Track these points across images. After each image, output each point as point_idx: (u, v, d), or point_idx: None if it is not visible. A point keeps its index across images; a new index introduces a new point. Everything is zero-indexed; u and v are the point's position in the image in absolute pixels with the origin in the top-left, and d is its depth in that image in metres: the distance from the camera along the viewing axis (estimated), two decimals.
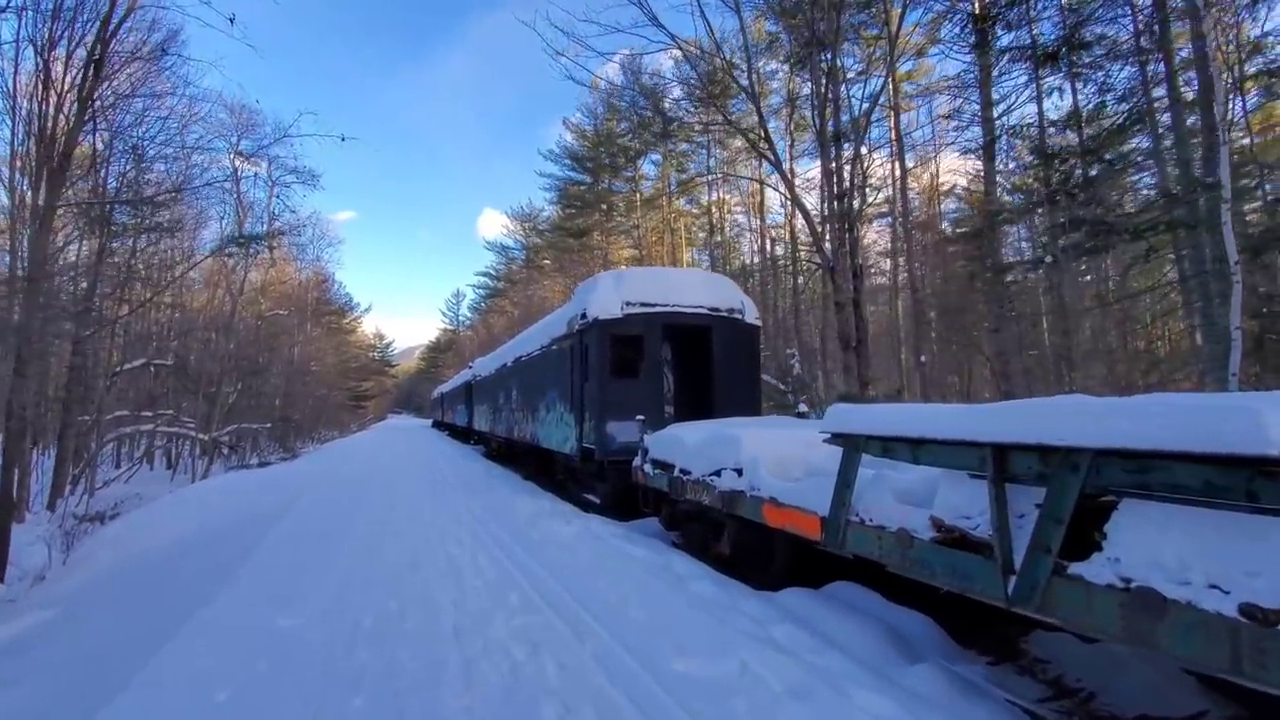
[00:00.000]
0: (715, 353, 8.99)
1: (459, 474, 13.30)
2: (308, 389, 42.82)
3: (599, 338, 8.56)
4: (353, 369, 56.55)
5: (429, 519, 7.71)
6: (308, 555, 5.88)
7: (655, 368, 8.71)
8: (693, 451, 6.06)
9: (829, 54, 16.17)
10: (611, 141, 34.62)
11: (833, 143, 16.15)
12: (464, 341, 67.91)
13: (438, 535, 6.69)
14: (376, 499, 9.61)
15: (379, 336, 79.73)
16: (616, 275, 9.24)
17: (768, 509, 4.78)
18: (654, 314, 8.70)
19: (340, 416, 54.55)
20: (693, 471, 6.02)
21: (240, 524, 7.76)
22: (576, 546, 6.00)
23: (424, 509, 8.49)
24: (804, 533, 4.34)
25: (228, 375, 26.77)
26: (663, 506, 7.18)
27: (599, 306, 8.59)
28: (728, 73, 17.82)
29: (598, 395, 8.49)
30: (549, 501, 9.02)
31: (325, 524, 7.56)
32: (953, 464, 3.24)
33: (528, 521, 7.36)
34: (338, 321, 53.71)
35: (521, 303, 48.90)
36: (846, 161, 16.73)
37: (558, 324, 10.62)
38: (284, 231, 23.62)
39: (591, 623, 3.92)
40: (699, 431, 6.39)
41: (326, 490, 11.09)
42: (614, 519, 8.13)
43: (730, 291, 9.53)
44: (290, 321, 38.74)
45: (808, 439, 5.53)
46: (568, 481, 11.11)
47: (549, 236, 42.37)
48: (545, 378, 11.39)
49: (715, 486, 5.50)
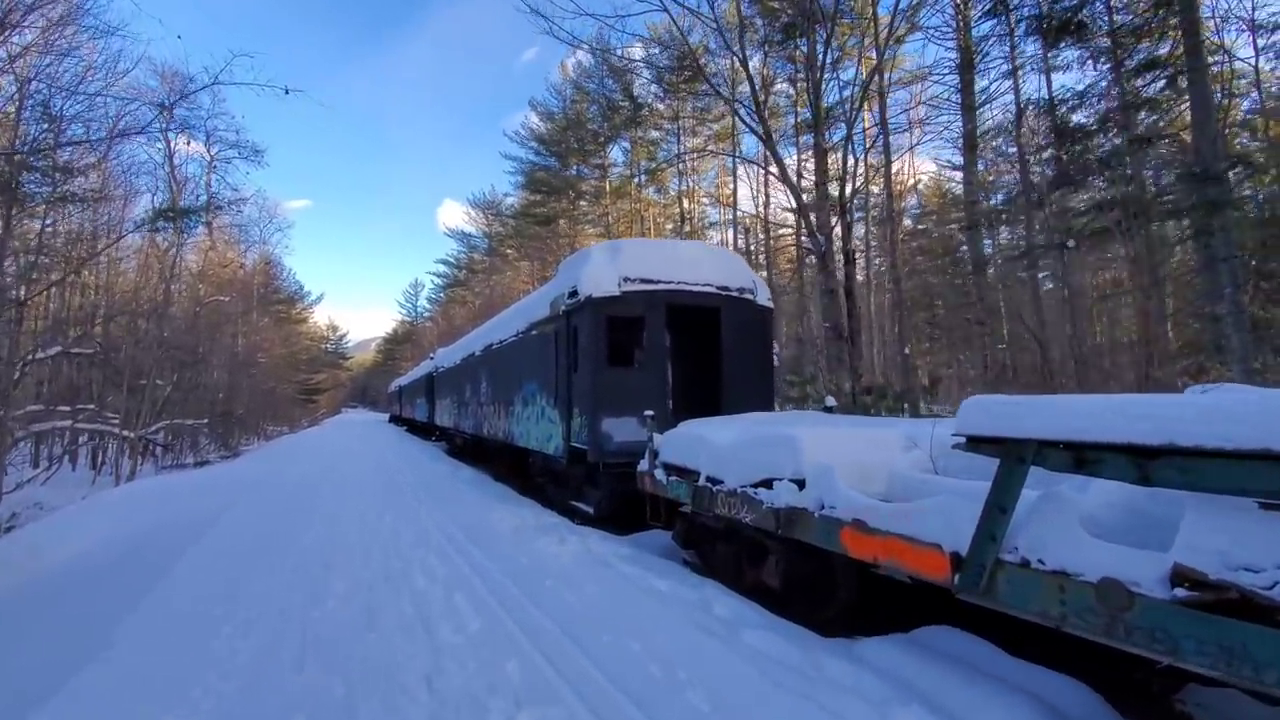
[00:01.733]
0: (725, 338, 7.80)
1: (422, 477, 11.81)
2: (254, 382, 40.21)
3: (592, 319, 7.27)
4: (304, 361, 53.54)
5: (388, 539, 6.31)
6: (223, 603, 4.46)
7: (658, 355, 7.47)
8: (726, 455, 4.85)
9: (827, 27, 15.17)
10: (580, 126, 33.22)
11: (826, 122, 15.18)
12: (423, 333, 65.41)
13: (400, 564, 5.32)
14: (324, 511, 8.12)
15: (332, 328, 76.33)
16: (612, 246, 7.94)
17: (850, 535, 3.60)
18: (656, 292, 7.46)
19: (290, 411, 51.61)
20: (725, 481, 4.81)
21: (139, 548, 6.21)
22: (580, 577, 4.72)
23: (382, 524, 7.07)
24: (920, 572, 3.17)
25: (160, 367, 24.41)
26: (677, 520, 5.96)
27: (592, 282, 7.29)
28: (716, 40, 16.63)
29: (590, 387, 7.21)
30: (531, 511, 7.70)
31: (255, 546, 6.09)
32: (1225, 485, 2.10)
33: (511, 540, 6.05)
34: (287, 311, 50.82)
35: (484, 293, 47.05)
36: (838, 143, 15.81)
37: (538, 305, 9.27)
38: (221, 206, 21.41)
39: (635, 715, 2.67)
40: (730, 430, 5.18)
41: (265, 499, 9.51)
42: (612, 532, 6.90)
43: (741, 269, 8.35)
44: (234, 309, 36.09)
45: (878, 440, 4.39)
46: (548, 485, 9.80)
47: (514, 224, 40.58)
48: (523, 367, 10.03)
49: (763, 502, 4.31)
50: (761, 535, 4.64)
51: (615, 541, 6.04)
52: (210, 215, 21.19)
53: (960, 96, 16.66)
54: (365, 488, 10.32)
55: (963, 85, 16.53)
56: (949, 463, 4.07)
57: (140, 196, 21.73)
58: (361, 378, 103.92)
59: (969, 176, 18.21)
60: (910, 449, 4.28)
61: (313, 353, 59.60)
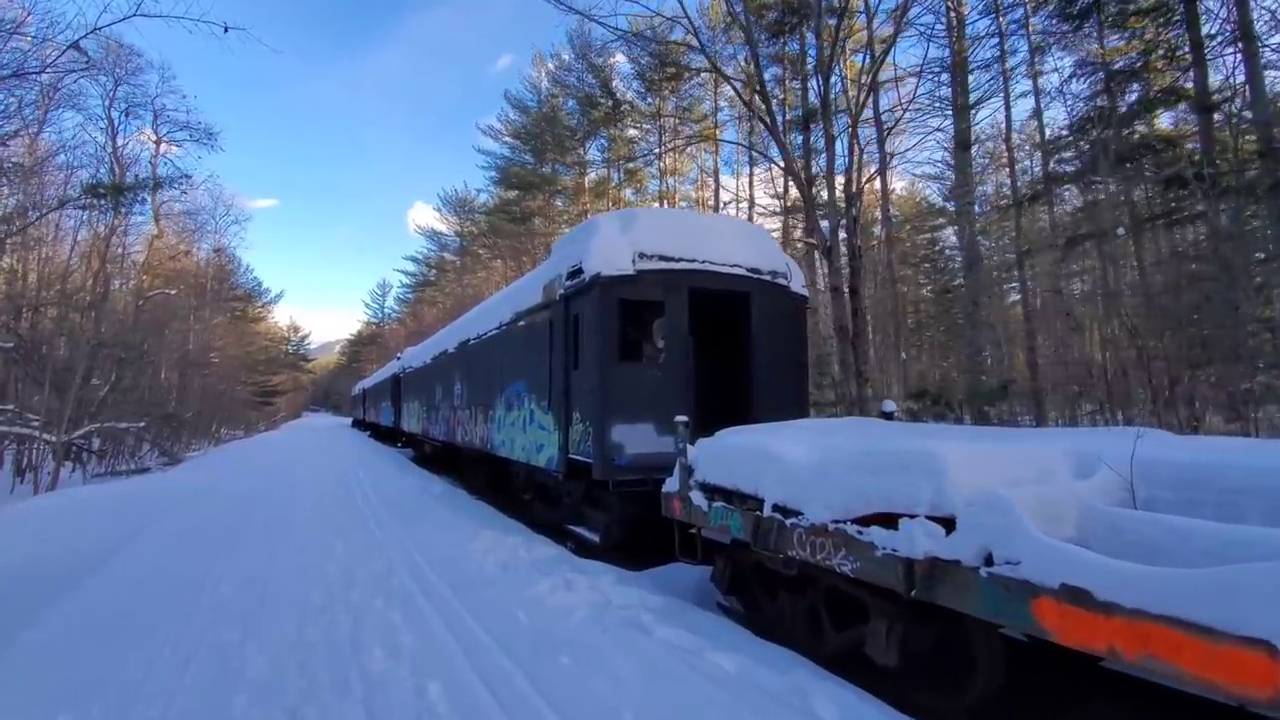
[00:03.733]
0: (755, 331, 6.51)
1: (386, 491, 10.24)
2: (206, 383, 37.71)
3: (601, 303, 5.90)
4: (261, 362, 50.80)
5: (337, 582, 4.83)
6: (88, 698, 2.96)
7: (680, 349, 6.13)
8: (809, 478, 3.54)
9: (836, 18, 14.11)
10: (557, 122, 31.91)
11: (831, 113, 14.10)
12: (390, 335, 62.92)
13: (350, 621, 3.87)
14: (262, 538, 6.57)
15: (293, 328, 73.14)
16: (624, 216, 6.58)
17: (1054, 610, 2.32)
18: (678, 272, 6.13)
19: (245, 414, 48.82)
20: (807, 512, 3.50)
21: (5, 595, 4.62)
22: (606, 649, 3.35)
23: (332, 558, 5.57)
24: (1225, 685, 1.90)
25: (97, 365, 22.17)
26: (718, 557, 4.63)
27: (601, 258, 5.93)
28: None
29: (598, 387, 5.84)
30: (521, 539, 6.27)
31: (150, 600, 4.55)
32: None
33: (501, 584, 4.64)
34: (243, 308, 48.17)
35: (455, 292, 45.15)
36: (841, 132, 14.77)
37: (528, 291, 7.86)
38: (163, 184, 19.38)
39: None
40: (804, 442, 3.88)
41: (193, 520, 7.89)
42: (624, 566, 5.55)
43: (773, 249, 7.10)
44: (184, 304, 33.73)
45: (1036, 460, 3.13)
46: (536, 504, 8.37)
47: (488, 220, 38.90)
48: (507, 365, 8.59)
49: (877, 546, 3.01)
50: (864, 592, 3.34)
51: (637, 585, 4.67)
52: (152, 194, 19.12)
53: (953, 95, 15.89)
54: (318, 505, 8.73)
55: (957, 85, 15.79)
56: (1155, 493, 2.83)
57: (79, 172, 19.58)
58: (324, 381, 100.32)
59: (965, 177, 17.44)
60: (1087, 473, 3.02)
61: (271, 353, 56.77)
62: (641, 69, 28.42)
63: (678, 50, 24.05)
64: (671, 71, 27.95)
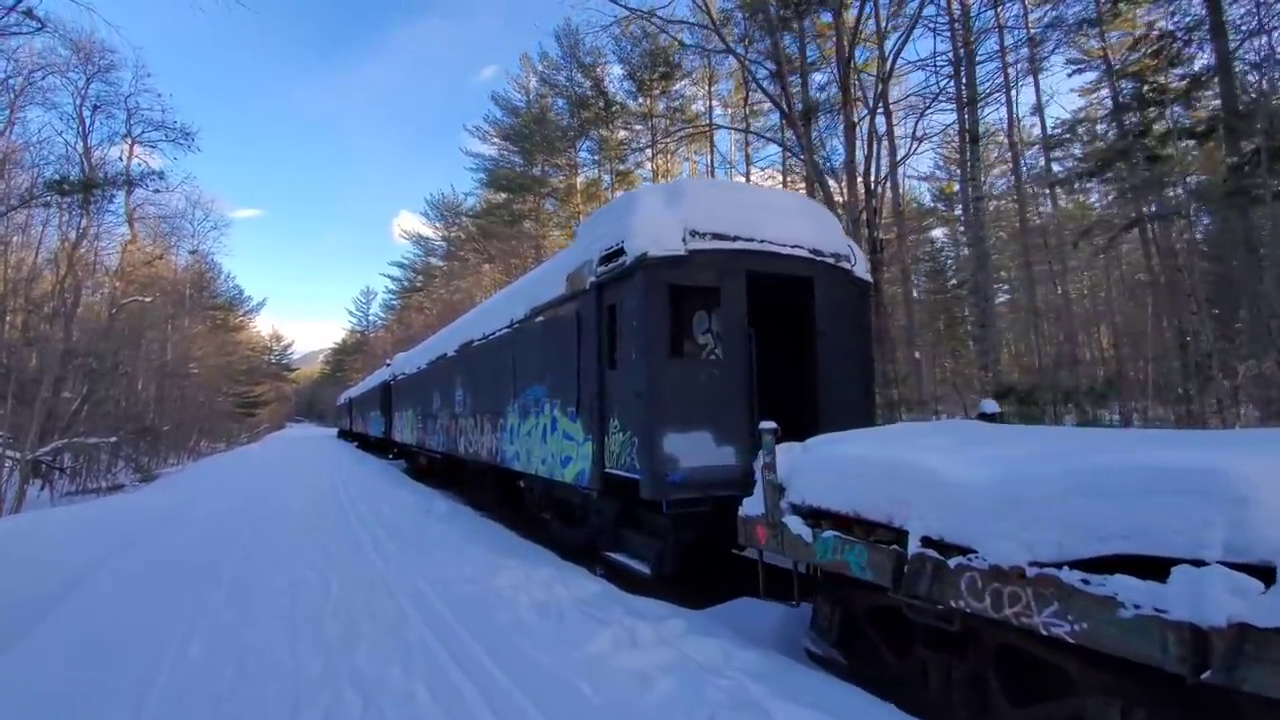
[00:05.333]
0: (820, 323, 5.62)
1: (382, 510, 9.20)
2: (185, 394, 36.28)
3: (647, 289, 4.98)
4: (242, 372, 49.16)
5: (336, 635, 3.84)
6: None
7: (741, 342, 5.20)
8: (982, 501, 2.63)
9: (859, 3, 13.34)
10: (546, 122, 31.07)
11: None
12: (375, 342, 61.49)
13: (360, 705, 2.89)
14: (239, 573, 5.55)
15: (276, 338, 71.50)
16: (669, 189, 5.64)
17: None
18: (735, 253, 5.22)
19: (226, 426, 47.21)
20: (981, 549, 2.60)
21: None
22: None
23: (325, 604, 4.57)
24: None
25: (65, 374, 20.85)
26: (823, 599, 3.71)
27: (646, 236, 5.01)
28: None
29: (647, 389, 4.90)
30: (552, 571, 5.30)
31: (91, 677, 3.55)
32: None
33: (546, 637, 3.68)
34: (224, 317, 46.71)
35: (443, 298, 43.98)
36: (862, 117, 13.96)
37: (546, 283, 6.91)
38: (135, 182, 18.19)
39: None
40: (962, 452, 2.97)
41: (161, 550, 6.84)
42: (672, 596, 4.64)
43: (834, 227, 6.21)
44: (161, 312, 32.33)
45: None
46: (556, 523, 7.40)
47: (476, 225, 37.82)
48: (521, 367, 7.63)
49: (1128, 603, 2.11)
50: (1073, 660, 2.43)
51: (714, 634, 3.73)
52: (125, 194, 17.96)
53: (958, 90, 15.21)
54: (307, 528, 7.70)
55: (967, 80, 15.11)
56: None
57: (48, 170, 18.35)
58: (308, 390, 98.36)
59: (973, 170, 16.79)
60: None
61: (253, 363, 55.14)
62: (633, 69, 27.72)
63: (674, 47, 23.33)
64: (663, 71, 27.26)
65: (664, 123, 27.61)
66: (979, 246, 16.89)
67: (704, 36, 16.78)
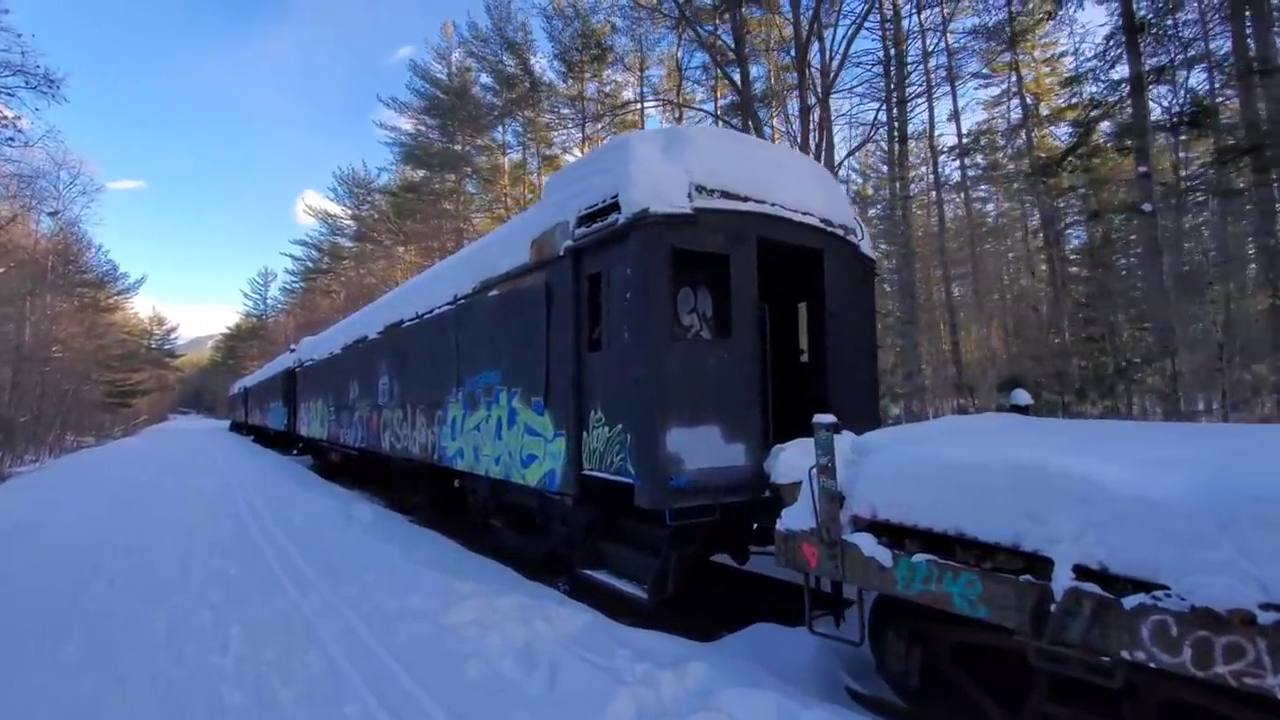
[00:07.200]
0: (829, 300, 4.94)
1: (291, 519, 7.79)
2: (46, 381, 31.83)
3: (645, 253, 4.08)
4: (116, 357, 43.83)
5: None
6: None
7: (752, 321, 4.41)
8: (1175, 522, 1.96)
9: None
10: (470, 98, 29.29)
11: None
12: (274, 328, 56.63)
13: None
14: (101, 613, 4.22)
15: (157, 320, 64.68)
16: (668, 134, 4.71)
17: None
18: (746, 215, 4.42)
19: (97, 417, 42.02)
20: (1175, 586, 1.93)
21: None
22: None
23: (226, 652, 3.41)
24: None
25: None
26: (895, 635, 2.99)
27: (646, 189, 4.11)
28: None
29: (646, 374, 4.02)
30: (524, 597, 4.31)
31: None
32: None
33: (530, 695, 2.80)
34: (95, 296, 41.46)
35: (354, 280, 40.90)
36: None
37: (508, 248, 5.85)
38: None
39: None
40: (1130, 455, 2.30)
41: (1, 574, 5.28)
42: (664, 623, 3.84)
43: (842, 197, 5.55)
44: (16, 286, 28.09)
45: None
46: (505, 533, 6.39)
47: (391, 202, 35.26)
48: (467, 350, 6.54)
49: None
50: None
51: (760, 687, 2.93)
52: None
53: (886, 87, 15.23)
54: (194, 546, 6.28)
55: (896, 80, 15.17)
56: None
57: None
58: (195, 379, 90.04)
59: (901, 169, 17.08)
60: None
61: (130, 348, 49.43)
62: (564, 48, 26.51)
63: (605, 31, 22.22)
64: (594, 54, 26.20)
65: (595, 107, 26.60)
66: (905, 245, 17.07)
67: (651, 17, 15.96)
